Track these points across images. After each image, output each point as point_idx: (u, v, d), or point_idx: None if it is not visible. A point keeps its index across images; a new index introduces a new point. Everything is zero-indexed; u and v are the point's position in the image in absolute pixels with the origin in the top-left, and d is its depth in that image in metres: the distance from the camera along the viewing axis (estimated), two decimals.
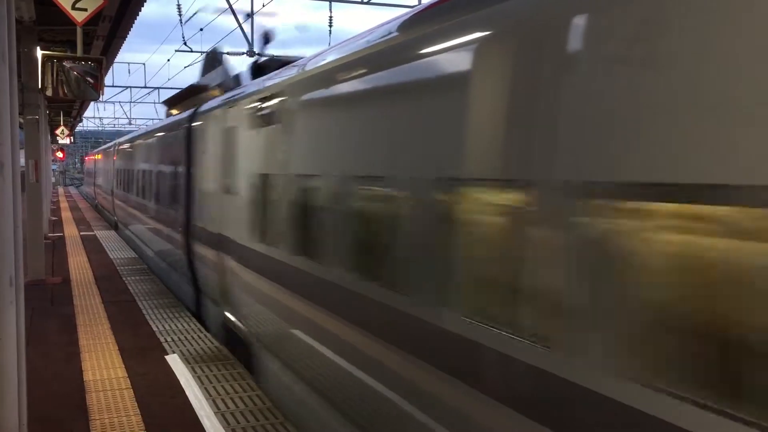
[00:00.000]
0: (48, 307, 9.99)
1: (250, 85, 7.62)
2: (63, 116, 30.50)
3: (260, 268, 6.39)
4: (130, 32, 12.81)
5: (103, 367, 7.02)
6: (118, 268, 13.61)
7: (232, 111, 7.66)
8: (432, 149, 3.49)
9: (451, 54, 3.39)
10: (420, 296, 3.55)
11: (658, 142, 2.17)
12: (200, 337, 8.22)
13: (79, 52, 8.83)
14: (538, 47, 2.79)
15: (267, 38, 13.99)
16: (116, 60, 18.04)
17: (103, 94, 9.32)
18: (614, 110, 2.36)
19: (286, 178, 5.65)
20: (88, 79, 8.74)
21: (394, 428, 3.81)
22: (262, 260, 6.30)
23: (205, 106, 9.50)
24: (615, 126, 2.35)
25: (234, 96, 7.90)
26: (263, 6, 17.03)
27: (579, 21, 2.57)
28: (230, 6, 17.73)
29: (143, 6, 11.01)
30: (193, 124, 9.90)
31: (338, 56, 4.90)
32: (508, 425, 2.87)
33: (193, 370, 6.90)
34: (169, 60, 30.86)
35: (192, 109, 10.25)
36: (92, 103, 37.66)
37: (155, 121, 33.35)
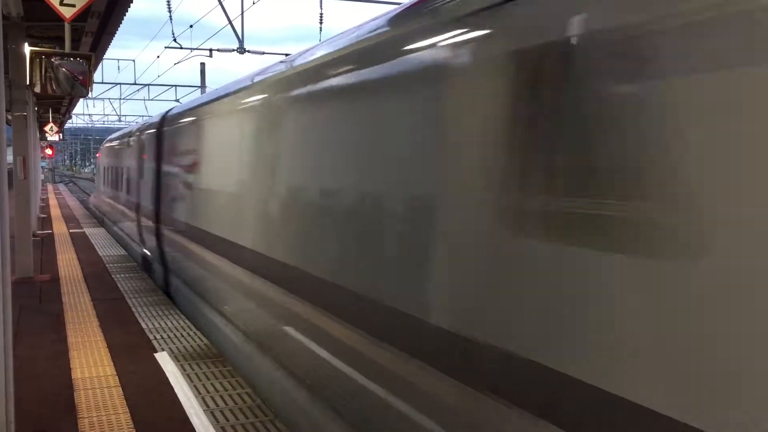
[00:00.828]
0: (36, 304, 9.94)
1: None
2: (52, 113, 30.33)
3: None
4: (119, 29, 12.76)
5: (91, 364, 6.99)
6: (107, 265, 13.55)
7: None
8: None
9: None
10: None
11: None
12: (190, 335, 8.20)
13: (67, 49, 8.78)
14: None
15: None
16: (105, 56, 17.97)
17: (91, 91, 9.27)
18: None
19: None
20: (77, 75, 8.69)
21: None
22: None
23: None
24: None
25: None
26: (253, 4, 16.98)
27: None
28: (221, 3, 17.68)
29: (132, 2, 10.96)
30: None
31: None
32: None
33: (182, 368, 6.88)
34: (158, 57, 30.77)
35: None
36: (81, 99, 37.48)
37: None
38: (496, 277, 2.94)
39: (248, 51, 20.18)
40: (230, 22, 18.21)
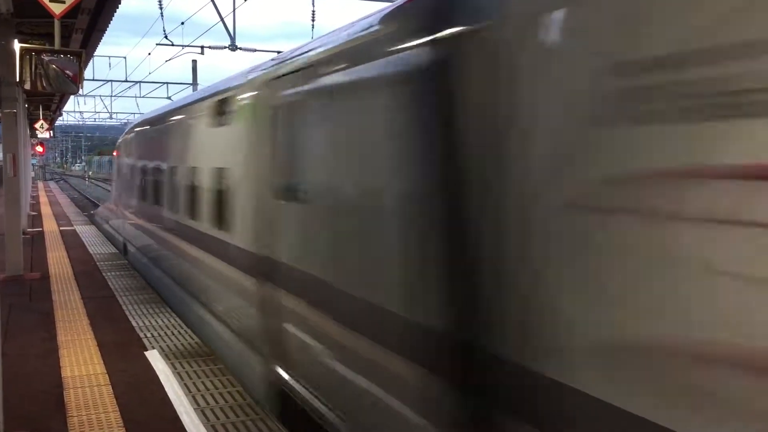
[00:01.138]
0: (26, 302, 9.89)
1: None
2: (42, 110, 30.19)
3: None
4: (109, 25, 12.71)
5: (81, 363, 6.96)
6: (97, 263, 13.50)
7: None
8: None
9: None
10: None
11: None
12: (180, 333, 8.17)
13: (57, 45, 8.74)
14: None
15: None
16: (96, 53, 17.89)
17: (82, 88, 9.23)
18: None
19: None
20: (67, 72, 8.65)
21: None
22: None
23: None
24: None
25: None
26: (245, 1, 16.94)
27: None
28: (212, 0, 17.63)
29: None
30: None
31: None
32: None
33: (172, 366, 6.86)
34: (150, 54, 30.65)
35: None
36: (72, 96, 37.30)
37: None
38: None
39: (240, 48, 20.14)
40: (222, 19, 18.16)
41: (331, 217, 4.58)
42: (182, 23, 22.78)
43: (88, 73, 35.09)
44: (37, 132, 31.35)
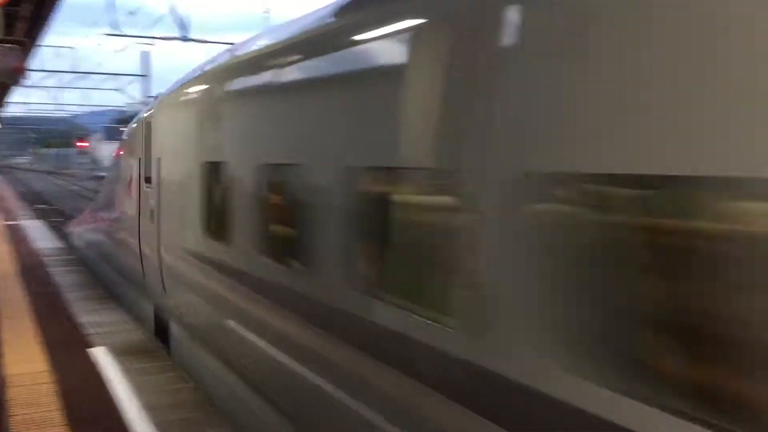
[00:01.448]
0: None
1: None
2: None
3: None
4: (56, 14, 12.40)
5: (24, 360, 6.79)
6: (43, 258, 13.18)
7: None
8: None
9: None
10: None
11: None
12: (128, 330, 8.04)
13: (0, 34, 8.50)
14: None
15: None
16: (43, 43, 17.45)
17: (25, 78, 9.01)
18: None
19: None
20: (10, 62, 8.43)
21: None
22: None
23: None
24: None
25: None
26: None
27: None
28: None
29: None
30: None
31: None
32: None
33: (120, 363, 6.74)
34: (99, 45, 29.99)
35: None
36: (22, 88, 36.37)
37: None
38: None
39: (192, 39, 19.86)
40: (173, 10, 17.89)
41: None
42: (131, 13, 22.38)
43: (34, 63, 34.23)
44: None
